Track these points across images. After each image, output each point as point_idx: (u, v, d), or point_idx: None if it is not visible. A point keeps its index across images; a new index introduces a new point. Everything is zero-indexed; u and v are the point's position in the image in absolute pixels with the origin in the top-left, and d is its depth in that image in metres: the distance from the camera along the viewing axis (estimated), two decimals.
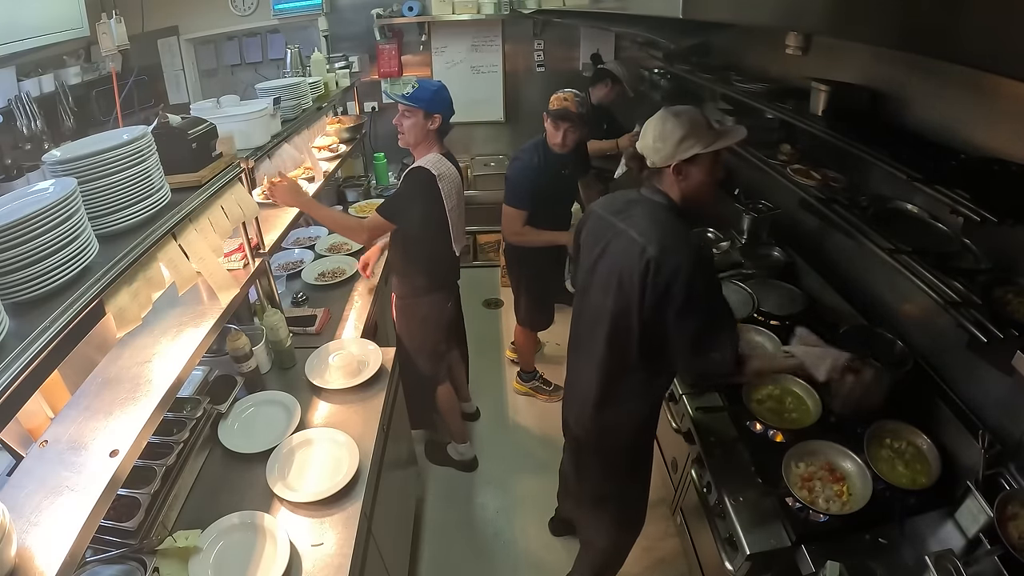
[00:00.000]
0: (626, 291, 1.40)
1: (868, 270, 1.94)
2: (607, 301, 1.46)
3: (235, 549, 1.38)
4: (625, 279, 1.39)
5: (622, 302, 1.42)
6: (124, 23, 2.74)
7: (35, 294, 0.97)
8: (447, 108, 2.12)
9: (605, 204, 1.59)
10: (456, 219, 2.19)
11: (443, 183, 2.07)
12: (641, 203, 1.48)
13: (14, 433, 1.22)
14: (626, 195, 1.57)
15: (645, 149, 1.45)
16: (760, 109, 2.06)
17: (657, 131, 1.42)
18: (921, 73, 1.58)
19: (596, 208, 1.59)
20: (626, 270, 1.39)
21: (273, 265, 2.53)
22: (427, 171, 2.06)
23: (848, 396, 1.60)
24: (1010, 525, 1.21)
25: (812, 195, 1.77)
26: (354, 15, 4.00)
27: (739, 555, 1.42)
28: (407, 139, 2.13)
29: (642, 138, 1.46)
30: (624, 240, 1.42)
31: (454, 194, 2.14)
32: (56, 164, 1.17)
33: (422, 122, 2.09)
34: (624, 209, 1.50)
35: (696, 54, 2.93)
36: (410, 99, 2.06)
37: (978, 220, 1.15)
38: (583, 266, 1.61)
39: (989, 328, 1.14)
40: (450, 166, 2.14)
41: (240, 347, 1.82)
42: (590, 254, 1.55)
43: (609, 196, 1.62)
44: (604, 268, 1.48)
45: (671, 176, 1.42)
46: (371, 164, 3.86)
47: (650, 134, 1.43)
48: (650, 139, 1.43)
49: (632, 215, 1.46)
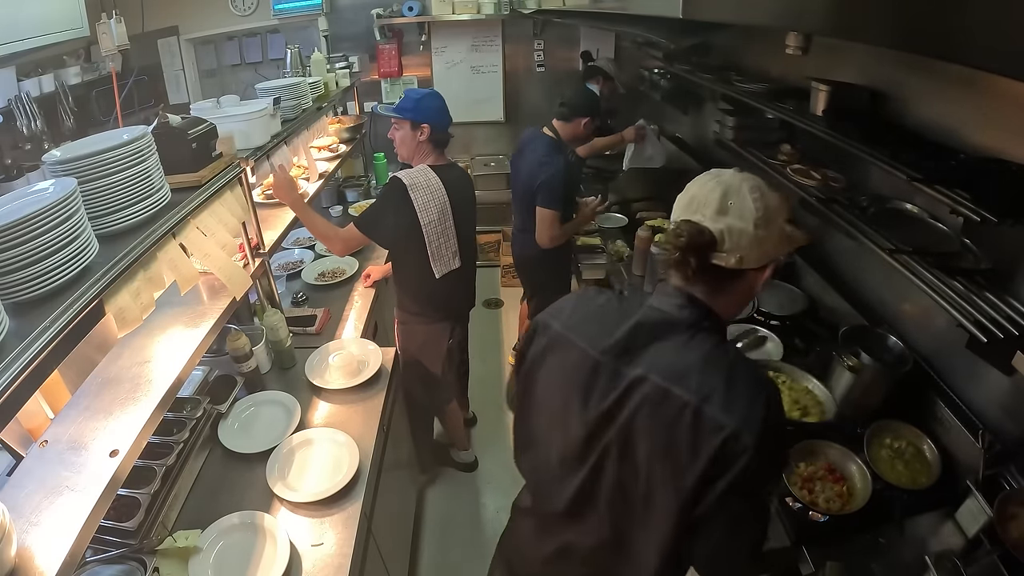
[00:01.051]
0: (664, 468, 0.86)
1: (868, 270, 1.94)
2: (640, 484, 0.90)
3: (235, 549, 1.38)
4: (674, 460, 0.84)
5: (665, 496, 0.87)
6: (124, 23, 2.74)
7: (35, 294, 0.98)
8: (436, 116, 2.01)
9: (586, 327, 0.98)
10: (436, 235, 2.01)
11: (417, 194, 1.94)
12: (676, 331, 0.91)
13: (14, 433, 1.22)
14: (623, 306, 0.99)
15: (732, 233, 0.88)
16: (760, 109, 2.06)
17: (759, 208, 0.88)
18: (921, 73, 1.58)
19: (573, 336, 0.98)
20: (675, 447, 0.84)
21: (273, 265, 2.53)
22: (398, 179, 1.96)
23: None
24: (1010, 525, 1.20)
25: (812, 195, 1.77)
26: (354, 15, 4.01)
27: None
28: (402, 152, 2.10)
29: (716, 213, 0.89)
30: (653, 396, 0.87)
31: (433, 207, 1.97)
32: (56, 164, 1.17)
33: (410, 133, 2.02)
34: (633, 340, 0.92)
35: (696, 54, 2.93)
36: (395, 111, 2.02)
37: (978, 220, 1.15)
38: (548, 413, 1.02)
39: (989, 328, 1.14)
40: (433, 178, 1.99)
41: (240, 347, 1.82)
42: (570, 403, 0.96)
43: (584, 300, 1.04)
44: (611, 435, 0.92)
45: (750, 283, 0.94)
46: (371, 164, 3.86)
47: (742, 209, 0.88)
48: (734, 218, 0.88)
49: (659, 354, 0.90)
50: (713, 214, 0.89)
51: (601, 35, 4.03)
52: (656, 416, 0.86)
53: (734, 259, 0.89)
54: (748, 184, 0.92)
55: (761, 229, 0.89)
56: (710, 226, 0.89)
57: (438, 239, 2.05)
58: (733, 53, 2.73)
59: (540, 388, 1.02)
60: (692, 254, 0.89)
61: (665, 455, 0.84)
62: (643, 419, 0.87)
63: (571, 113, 2.49)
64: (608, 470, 0.92)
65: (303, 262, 2.83)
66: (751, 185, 0.91)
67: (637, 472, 0.88)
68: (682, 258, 0.90)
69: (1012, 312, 1.17)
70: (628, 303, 0.99)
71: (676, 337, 0.91)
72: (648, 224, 2.58)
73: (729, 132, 2.32)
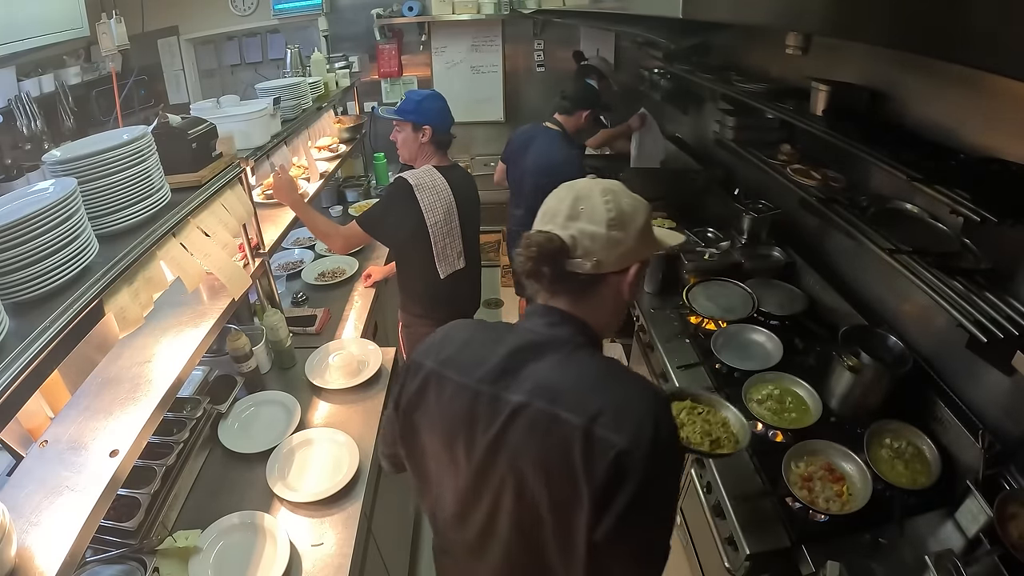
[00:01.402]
0: (562, 494, 0.81)
1: (868, 270, 1.94)
2: (523, 510, 0.86)
3: (235, 549, 1.38)
4: (571, 485, 0.80)
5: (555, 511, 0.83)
6: (124, 23, 2.74)
7: (35, 294, 0.98)
8: (437, 118, 2.01)
9: (458, 359, 0.91)
10: (441, 236, 2.02)
11: (423, 194, 1.95)
12: (552, 350, 0.88)
13: (14, 433, 1.22)
14: (494, 333, 0.95)
15: (583, 237, 0.87)
16: (760, 109, 2.06)
17: (611, 210, 0.87)
18: (921, 73, 1.58)
19: (446, 371, 0.91)
20: (570, 472, 0.79)
21: (273, 265, 2.54)
22: (403, 180, 1.97)
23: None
24: (1010, 525, 1.20)
25: (812, 195, 1.77)
26: (354, 15, 4.01)
27: (739, 555, 1.41)
28: (403, 155, 2.10)
29: (567, 219, 0.88)
30: (539, 421, 0.82)
31: (439, 208, 1.98)
32: (56, 164, 1.17)
33: (412, 135, 2.02)
34: (510, 364, 0.87)
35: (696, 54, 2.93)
36: (396, 112, 2.02)
37: (978, 220, 1.15)
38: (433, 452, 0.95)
39: (989, 328, 1.14)
40: (439, 179, 1.99)
41: (240, 347, 1.82)
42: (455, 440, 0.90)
43: (453, 332, 0.98)
44: (501, 468, 0.86)
45: (615, 288, 0.92)
46: (371, 164, 3.86)
47: (593, 212, 0.87)
48: (585, 222, 0.87)
49: (538, 377, 0.85)
50: (564, 220, 0.88)
51: (601, 35, 4.04)
52: (546, 442, 0.81)
53: (590, 264, 0.87)
54: (600, 188, 0.90)
55: (616, 231, 0.87)
56: (560, 232, 0.87)
57: (444, 240, 2.04)
58: (733, 53, 2.73)
59: (423, 430, 0.95)
60: (545, 263, 0.87)
61: (561, 480, 0.80)
62: (532, 446, 0.82)
63: (572, 106, 2.61)
64: (506, 503, 0.86)
65: (303, 262, 2.83)
66: (603, 188, 0.90)
67: (536, 502, 0.82)
68: (535, 268, 0.87)
69: (1012, 312, 1.17)
70: (498, 329, 0.96)
71: (553, 357, 0.87)
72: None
73: (729, 132, 2.32)
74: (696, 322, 2.16)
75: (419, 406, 0.94)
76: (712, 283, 2.26)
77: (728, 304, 2.14)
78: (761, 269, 2.31)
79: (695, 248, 2.45)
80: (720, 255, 2.40)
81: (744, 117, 2.27)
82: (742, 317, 2.06)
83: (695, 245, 2.47)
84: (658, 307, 2.30)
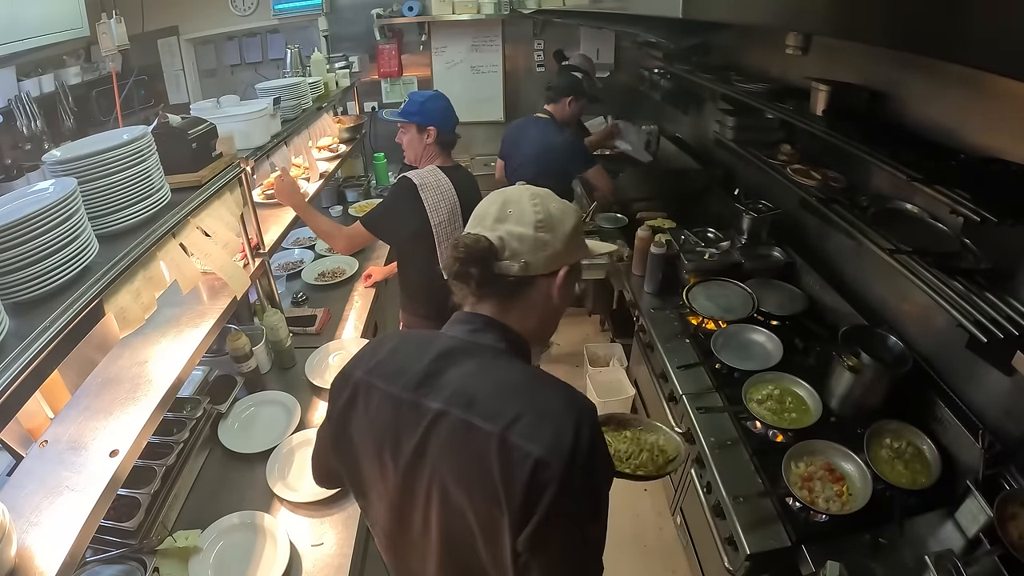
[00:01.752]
0: (483, 503, 0.79)
1: (868, 270, 1.94)
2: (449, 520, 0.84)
3: (235, 549, 1.38)
4: (491, 494, 0.77)
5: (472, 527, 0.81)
6: (124, 23, 2.74)
7: (35, 294, 0.98)
8: (441, 119, 2.01)
9: (385, 368, 0.90)
10: (446, 236, 2.00)
11: (427, 193, 1.95)
12: (473, 357, 0.87)
13: (14, 433, 1.22)
14: (420, 341, 0.94)
15: (511, 239, 0.87)
16: (760, 109, 2.06)
17: (539, 212, 0.88)
18: (921, 73, 1.58)
19: (373, 379, 0.89)
20: (489, 481, 0.77)
21: (273, 265, 2.54)
22: (407, 179, 1.97)
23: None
24: (1010, 525, 1.21)
25: (812, 195, 1.77)
26: (354, 15, 4.00)
27: (739, 555, 1.41)
28: (408, 156, 2.10)
29: (495, 222, 0.89)
30: (457, 430, 0.80)
31: (444, 208, 1.97)
32: (56, 164, 1.17)
33: (417, 136, 2.02)
34: (431, 371, 0.85)
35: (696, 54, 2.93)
36: (400, 114, 2.02)
37: (978, 220, 1.15)
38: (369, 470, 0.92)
39: (989, 328, 1.14)
40: (443, 179, 1.99)
41: (240, 347, 1.82)
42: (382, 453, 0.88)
43: (382, 343, 0.97)
44: (426, 476, 0.84)
45: (544, 292, 0.92)
46: (371, 164, 3.86)
47: (521, 215, 0.88)
48: (513, 224, 0.88)
49: (455, 384, 0.83)
50: (492, 223, 0.89)
51: (601, 35, 4.04)
52: (464, 451, 0.79)
53: (517, 265, 0.87)
54: (529, 193, 0.91)
55: (544, 232, 0.88)
56: (488, 234, 0.88)
57: (447, 239, 2.04)
58: (733, 53, 2.73)
59: (356, 441, 0.92)
60: (472, 264, 0.87)
61: (481, 488, 0.78)
62: (452, 454, 0.81)
63: (556, 95, 2.80)
64: (434, 510, 0.84)
65: (303, 262, 2.83)
66: (532, 193, 0.91)
67: (462, 508, 0.80)
68: (462, 269, 0.88)
69: (1012, 312, 1.17)
70: (424, 338, 0.95)
71: (471, 363, 0.85)
72: (648, 224, 2.59)
73: (729, 132, 2.32)
74: (696, 322, 2.16)
75: (350, 417, 0.91)
76: (712, 283, 2.26)
77: (728, 304, 2.15)
78: (761, 269, 2.31)
79: (695, 248, 2.45)
80: (720, 255, 2.40)
81: (744, 117, 2.27)
82: (742, 317, 2.06)
83: (695, 245, 2.47)
84: (658, 307, 2.30)
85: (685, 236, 2.54)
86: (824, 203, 1.71)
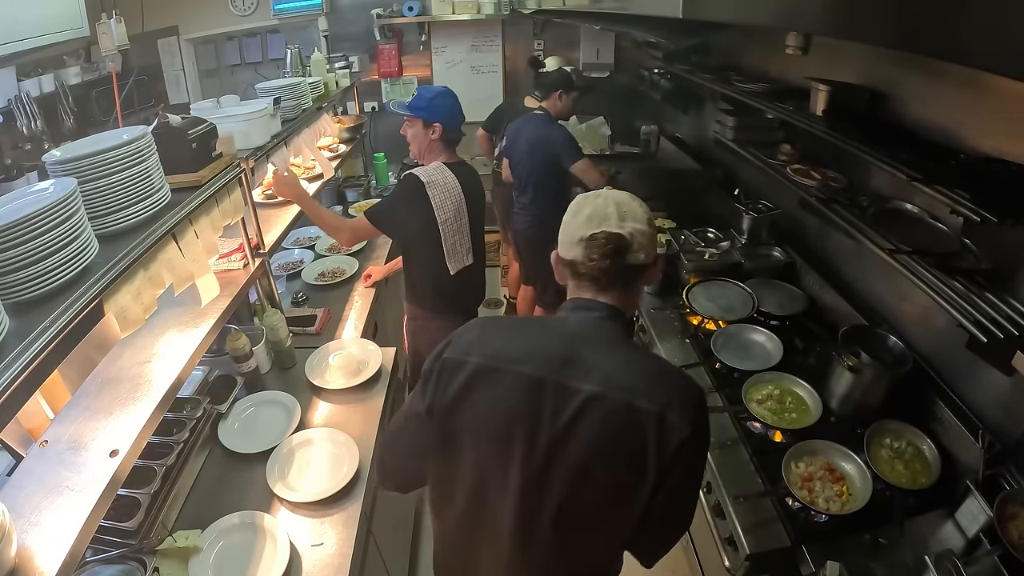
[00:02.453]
0: (631, 474, 0.91)
1: (868, 270, 1.94)
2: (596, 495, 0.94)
3: (235, 549, 1.38)
4: (639, 466, 0.90)
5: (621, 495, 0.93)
6: (124, 23, 2.74)
7: (35, 294, 0.98)
8: (448, 115, 2.02)
9: (511, 351, 0.96)
10: (451, 233, 2.04)
11: (434, 191, 1.96)
12: (609, 343, 0.97)
13: (14, 433, 1.22)
14: (541, 324, 1.07)
15: (637, 234, 0.97)
16: (760, 109, 2.06)
17: (645, 210, 1.01)
18: (921, 73, 1.58)
19: (500, 363, 0.95)
20: (640, 455, 0.89)
21: (273, 265, 2.53)
22: (415, 176, 1.97)
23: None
24: (1010, 525, 1.20)
25: (812, 195, 1.77)
26: (354, 15, 4.01)
27: (739, 555, 1.41)
28: (412, 150, 2.10)
29: (619, 220, 0.97)
30: (616, 410, 0.90)
31: (449, 205, 1.99)
32: (56, 164, 1.17)
33: (422, 132, 2.02)
34: (572, 354, 0.93)
35: (696, 54, 2.93)
36: (407, 108, 2.02)
37: (978, 220, 1.15)
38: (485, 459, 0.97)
39: (989, 328, 1.14)
40: (450, 176, 2.01)
41: (240, 347, 1.82)
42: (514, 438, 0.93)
43: (492, 327, 1.04)
44: (572, 449, 0.91)
45: (646, 279, 1.05)
46: (371, 164, 3.86)
47: (634, 213, 0.99)
48: (632, 221, 0.97)
49: (606, 368, 0.92)
50: (617, 221, 0.97)
51: (601, 35, 4.04)
52: (623, 428, 0.90)
53: (643, 256, 0.98)
54: (623, 194, 1.02)
55: (653, 227, 1.01)
56: (620, 231, 0.97)
57: (454, 236, 2.06)
58: (733, 53, 2.73)
59: (465, 431, 0.96)
60: (615, 257, 0.96)
61: (633, 461, 0.90)
62: (607, 434, 0.90)
63: (546, 90, 2.94)
64: (572, 486, 0.93)
65: (303, 262, 2.83)
66: (624, 194, 1.02)
67: (601, 483, 0.92)
68: (610, 264, 0.96)
69: (1012, 312, 1.17)
70: (542, 323, 1.06)
71: (610, 349, 0.96)
72: None
73: (729, 132, 2.32)
74: (696, 322, 2.16)
75: (462, 406, 0.96)
76: (712, 283, 2.26)
77: (728, 304, 2.15)
78: (761, 269, 2.31)
79: (695, 248, 2.45)
80: (720, 255, 2.40)
81: (744, 117, 2.27)
82: (742, 317, 2.06)
83: (695, 245, 2.47)
84: (658, 307, 2.30)
85: (685, 236, 2.54)
86: (824, 203, 1.70)
